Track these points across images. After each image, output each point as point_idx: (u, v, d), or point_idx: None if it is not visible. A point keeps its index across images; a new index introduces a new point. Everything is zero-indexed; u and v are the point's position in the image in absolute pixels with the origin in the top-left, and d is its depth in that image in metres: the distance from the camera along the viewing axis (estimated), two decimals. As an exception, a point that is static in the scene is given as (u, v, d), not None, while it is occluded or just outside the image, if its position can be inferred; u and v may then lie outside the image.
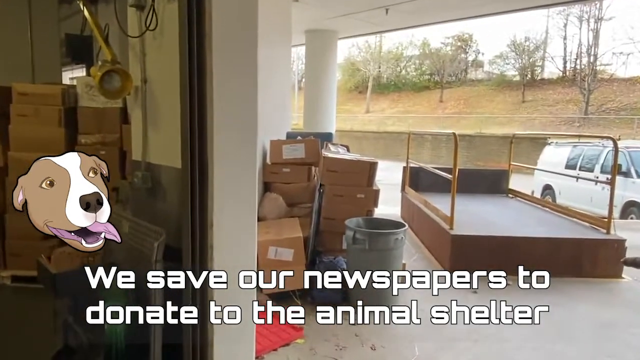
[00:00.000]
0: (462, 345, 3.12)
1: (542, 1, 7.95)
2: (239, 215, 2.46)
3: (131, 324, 2.39)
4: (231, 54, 2.32)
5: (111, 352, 2.32)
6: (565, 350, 3.09)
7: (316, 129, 9.31)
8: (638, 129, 20.49)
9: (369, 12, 8.10)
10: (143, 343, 2.40)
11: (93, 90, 3.89)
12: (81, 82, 3.93)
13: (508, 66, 30.46)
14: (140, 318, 2.40)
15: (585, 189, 9.35)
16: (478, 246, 4.60)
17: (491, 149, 20.84)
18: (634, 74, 25.35)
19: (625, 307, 3.86)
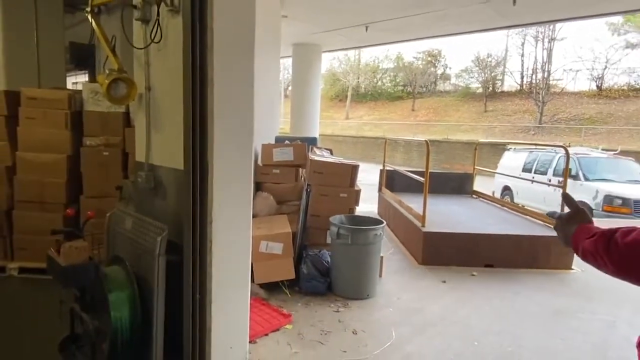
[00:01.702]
0: (433, 330, 3.14)
1: (502, 23, 8.06)
2: (236, 213, 2.45)
3: (135, 312, 2.37)
4: (230, 65, 2.32)
5: (116, 338, 2.28)
6: (524, 334, 3.13)
7: (302, 133, 9.30)
8: (585, 137, 20.85)
9: (351, 29, 8.13)
10: (146, 330, 2.37)
11: (98, 96, 3.81)
12: (87, 88, 3.83)
13: (472, 79, 30.73)
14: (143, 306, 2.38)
15: (539, 190, 9.41)
16: (447, 242, 4.65)
17: (457, 153, 21.10)
18: (582, 89, 25.91)
19: (574, 295, 3.94)
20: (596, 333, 3.20)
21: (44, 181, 3.75)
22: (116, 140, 3.81)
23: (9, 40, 5.41)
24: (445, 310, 3.51)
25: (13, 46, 5.43)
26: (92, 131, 3.82)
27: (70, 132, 3.78)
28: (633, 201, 8.24)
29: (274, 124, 6.72)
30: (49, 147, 3.76)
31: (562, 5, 6.28)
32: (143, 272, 2.44)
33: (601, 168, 9.43)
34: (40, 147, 3.75)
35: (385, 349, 2.83)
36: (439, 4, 6.33)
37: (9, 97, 3.78)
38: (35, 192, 3.75)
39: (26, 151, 3.76)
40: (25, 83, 4.62)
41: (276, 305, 3.35)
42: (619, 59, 24.61)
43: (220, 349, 2.42)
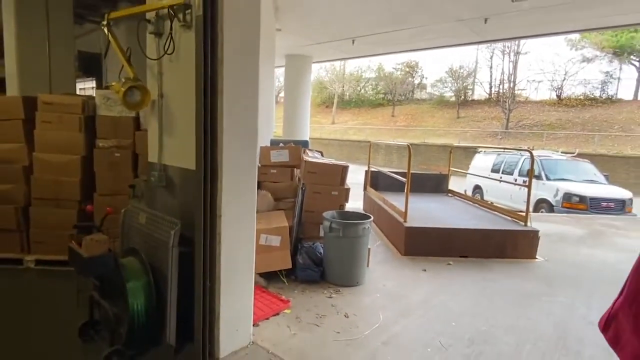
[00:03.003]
0: (416, 313, 3.20)
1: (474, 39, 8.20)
2: (242, 209, 2.49)
3: (150, 298, 2.39)
4: (238, 76, 2.35)
5: (133, 323, 2.31)
6: (495, 315, 3.21)
7: (294, 136, 9.32)
8: (546, 141, 21.18)
9: (339, 42, 8.19)
10: (160, 314, 2.40)
11: (110, 102, 3.80)
12: (99, 95, 3.81)
13: (446, 89, 30.82)
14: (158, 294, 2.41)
15: (506, 189, 9.55)
16: (427, 235, 4.71)
17: (432, 155, 21.34)
18: (544, 98, 26.29)
19: (539, 281, 4.03)
20: (557, 313, 3.30)
21: (60, 180, 3.72)
22: (127, 143, 3.79)
23: (22, 50, 5.34)
24: (426, 296, 3.58)
25: (26, 55, 5.36)
26: (104, 134, 3.80)
27: (84, 134, 3.75)
28: (589, 198, 8.47)
29: (269, 128, 6.75)
30: (64, 149, 3.73)
31: (527, 24, 6.46)
32: (157, 263, 2.46)
33: (561, 169, 9.62)
34: (56, 149, 3.72)
35: (374, 330, 2.89)
36: (419, 21, 6.43)
37: (26, 102, 3.74)
38: (51, 190, 3.72)
39: (42, 152, 3.72)
40: (37, 90, 4.58)
41: (275, 292, 3.39)
42: (576, 71, 25.15)
43: (228, 331, 2.46)
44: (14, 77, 5.39)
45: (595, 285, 3.97)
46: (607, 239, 6.11)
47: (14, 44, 5.31)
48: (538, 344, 2.80)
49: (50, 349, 2.47)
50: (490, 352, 2.68)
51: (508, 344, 2.79)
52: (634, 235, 6.37)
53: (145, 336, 2.38)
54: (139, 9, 2.59)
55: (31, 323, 2.79)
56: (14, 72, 5.37)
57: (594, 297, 3.66)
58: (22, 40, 5.29)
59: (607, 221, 7.42)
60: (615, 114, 21.77)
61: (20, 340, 2.56)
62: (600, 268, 4.60)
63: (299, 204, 3.98)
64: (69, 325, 2.64)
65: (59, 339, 2.58)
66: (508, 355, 2.65)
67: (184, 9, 2.35)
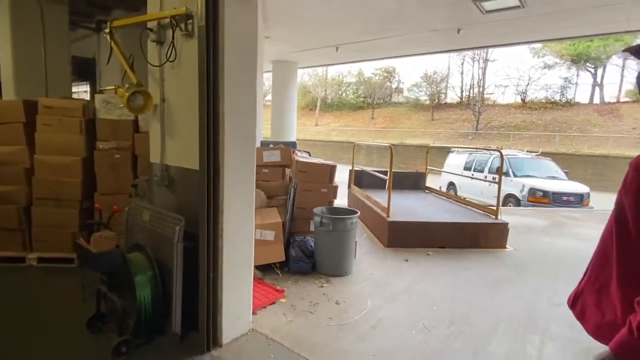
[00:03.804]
0: (400, 299, 3.29)
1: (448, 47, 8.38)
2: (242, 205, 2.52)
3: (156, 291, 2.41)
4: (238, 81, 2.38)
5: (141, 314, 2.32)
6: (471, 299, 3.34)
7: (282, 138, 9.32)
8: (512, 141, 21.61)
9: (323, 49, 8.24)
10: (166, 305, 2.42)
11: (109, 106, 3.75)
12: (99, 99, 3.76)
13: (421, 93, 31.15)
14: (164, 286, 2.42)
15: (477, 185, 9.77)
16: (407, 228, 4.81)
17: (410, 155, 21.60)
18: (510, 101, 26.89)
19: (509, 268, 4.18)
20: (526, 296, 3.45)
21: (61, 180, 3.65)
22: (127, 145, 3.76)
23: (18, 55, 5.19)
24: (408, 283, 3.68)
25: (22, 60, 5.21)
26: (104, 136, 3.75)
27: (85, 137, 3.69)
28: (551, 193, 8.77)
29: (259, 130, 6.75)
30: (65, 151, 3.67)
31: (495, 34, 6.66)
32: (162, 257, 2.48)
33: (526, 166, 9.88)
34: (57, 151, 3.65)
35: (363, 315, 2.97)
36: (399, 30, 6.55)
37: (27, 106, 3.66)
38: (52, 190, 3.65)
39: (43, 154, 3.65)
40: (33, 94, 4.47)
41: (270, 283, 3.43)
42: (538, 77, 25.86)
43: (230, 319, 2.49)
44: (10, 81, 5.23)
45: (558, 270, 4.16)
46: (568, 229, 6.38)
47: (9, 48, 5.16)
48: (510, 324, 2.94)
49: (58, 342, 2.45)
50: (469, 332, 2.80)
51: (484, 324, 2.92)
52: (591, 225, 6.66)
53: (152, 326, 2.40)
54: (141, 18, 2.59)
55: (37, 318, 2.75)
56: (10, 76, 5.22)
57: (558, 281, 3.84)
58: (18, 45, 5.14)
59: (567, 213, 7.72)
60: (574, 116, 22.50)
61: (27, 335, 2.53)
62: (563, 255, 4.81)
63: (291, 201, 4.03)
64: (75, 318, 2.62)
65: (66, 332, 2.56)
66: (484, 334, 2.77)
67: (185, 19, 2.37)
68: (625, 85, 23.73)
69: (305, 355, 2.40)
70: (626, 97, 22.94)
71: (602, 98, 24.09)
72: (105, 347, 2.30)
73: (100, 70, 7.72)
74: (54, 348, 2.38)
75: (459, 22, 6.00)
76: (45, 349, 2.37)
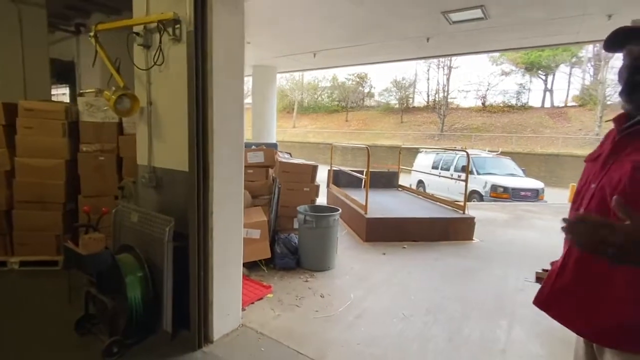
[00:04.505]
0: (380, 290, 3.33)
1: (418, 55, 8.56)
2: (231, 206, 2.48)
3: (147, 290, 2.33)
4: (225, 85, 2.33)
5: (132, 314, 2.24)
6: (445, 288, 3.43)
7: (262, 139, 9.20)
8: (474, 142, 22.13)
9: (301, 55, 8.21)
10: (157, 305, 2.34)
11: (93, 109, 3.58)
12: (82, 102, 3.58)
13: (391, 97, 31.42)
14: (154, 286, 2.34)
15: (444, 182, 9.95)
16: (384, 224, 4.88)
17: (381, 155, 21.73)
18: (471, 105, 27.70)
19: (477, 258, 4.31)
20: (494, 284, 3.57)
21: (44, 183, 3.45)
22: (111, 147, 3.60)
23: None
24: (387, 275, 3.73)
25: (0, 63, 4.89)
26: (88, 139, 3.58)
27: (68, 139, 3.51)
28: (511, 189, 9.11)
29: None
30: (47, 153, 3.47)
31: (460, 44, 6.86)
32: (151, 257, 2.39)
33: (488, 165, 10.19)
34: (39, 153, 3.45)
35: (347, 306, 2.98)
36: (372, 38, 6.62)
37: (6, 108, 3.44)
38: (34, 193, 3.45)
39: (24, 157, 3.44)
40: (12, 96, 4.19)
41: (257, 279, 3.39)
42: (496, 83, 26.94)
43: (220, 316, 2.44)
44: (-14, 84, 4.90)
45: (521, 258, 4.33)
46: (527, 221, 6.66)
47: (-14, 51, 4.83)
48: (481, 309, 3.03)
49: (47, 345, 2.32)
50: (444, 318, 2.87)
51: (457, 310, 3.00)
52: (546, 217, 6.99)
53: (143, 326, 2.31)
54: (129, 22, 2.49)
55: (23, 321, 2.59)
56: (-13, 78, 4.88)
57: (521, 269, 3.99)
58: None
59: (525, 207, 8.06)
60: (528, 118, 23.47)
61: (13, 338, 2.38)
62: (524, 245, 5.02)
63: (275, 200, 3.99)
64: (62, 321, 2.49)
65: (54, 334, 2.43)
66: (458, 320, 2.85)
67: (173, 23, 2.30)
68: (572, 90, 25.09)
69: (294, 347, 2.38)
70: (573, 102, 24.21)
71: (552, 102, 25.29)
72: (96, 348, 2.20)
73: (79, 73, 7.35)
74: (43, 350, 2.25)
75: (429, 32, 6.14)
76: (34, 351, 2.24)
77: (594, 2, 4.60)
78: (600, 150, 1.13)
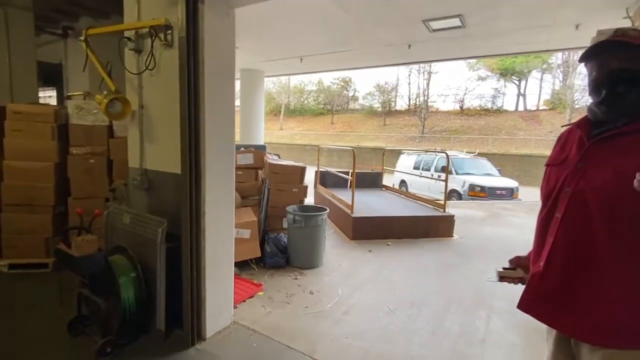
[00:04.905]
0: (366, 286, 3.36)
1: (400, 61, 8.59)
2: (223, 207, 2.47)
3: (140, 290, 2.29)
4: (217, 90, 2.33)
5: (125, 314, 2.20)
6: (427, 282, 3.49)
7: (251, 141, 9.15)
8: (453, 143, 22.53)
9: (288, 59, 8.20)
10: (150, 304, 2.31)
11: (82, 112, 3.50)
12: (72, 105, 3.49)
13: (374, 101, 31.67)
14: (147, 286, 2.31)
15: (425, 182, 10.09)
16: (370, 223, 4.91)
17: (365, 157, 21.85)
18: (450, 108, 28.24)
19: (457, 254, 4.40)
20: (473, 278, 3.65)
21: (33, 186, 3.35)
22: (101, 149, 3.52)
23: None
24: (373, 272, 3.76)
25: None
26: (77, 142, 3.49)
27: (57, 142, 3.42)
28: (487, 188, 9.31)
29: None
30: (36, 156, 3.37)
31: (440, 50, 7.00)
32: (144, 258, 2.36)
33: (466, 165, 10.38)
34: (28, 156, 3.35)
35: (335, 302, 3.01)
36: (357, 44, 6.68)
37: (-7, 111, 3.33)
38: (23, 196, 3.34)
39: (13, 160, 3.34)
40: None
41: (248, 277, 3.38)
42: (473, 87, 27.48)
43: (213, 314, 2.43)
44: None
45: (498, 253, 4.44)
46: (503, 218, 6.83)
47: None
48: (461, 302, 3.11)
49: (39, 347, 2.25)
50: (427, 311, 2.93)
51: (439, 304, 3.06)
52: (521, 215, 7.19)
53: (137, 325, 2.28)
54: (120, 28, 2.45)
55: (15, 324, 2.51)
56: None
57: (499, 263, 4.07)
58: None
59: (501, 205, 8.25)
60: (503, 121, 24.05)
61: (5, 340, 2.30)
62: (501, 241, 5.15)
63: (265, 201, 3.98)
64: (54, 322, 2.44)
65: (47, 336, 2.36)
66: (440, 313, 2.91)
67: (165, 29, 2.27)
68: (543, 95, 25.87)
69: (285, 342, 2.39)
70: (544, 106, 24.97)
71: (525, 106, 26.01)
72: (89, 348, 2.16)
73: (67, 76, 7.14)
74: (36, 351, 2.19)
75: (410, 39, 6.23)
76: (27, 352, 2.17)
77: (562, 14, 4.78)
78: (564, 154, 1.12)
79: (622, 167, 0.94)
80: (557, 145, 1.19)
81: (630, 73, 0.98)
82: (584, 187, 1.01)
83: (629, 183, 0.88)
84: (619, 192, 0.93)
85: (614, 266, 0.96)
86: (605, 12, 4.60)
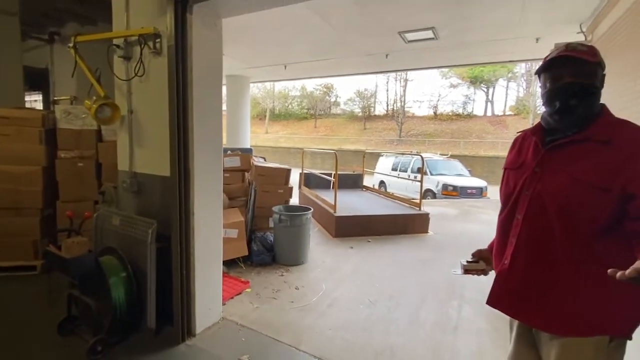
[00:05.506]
0: (349, 281, 3.40)
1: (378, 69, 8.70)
2: (211, 207, 2.46)
3: (130, 290, 2.25)
4: (205, 96, 2.32)
5: (116, 313, 2.16)
6: (406, 276, 3.56)
7: (237, 145, 9.06)
8: (427, 146, 22.89)
9: (273, 66, 8.17)
10: (140, 303, 2.27)
11: (70, 116, 3.40)
12: (59, 110, 3.38)
13: (355, 106, 31.83)
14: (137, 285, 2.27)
15: (402, 182, 10.22)
16: (351, 221, 4.97)
17: (347, 159, 21.98)
18: (425, 113, 28.78)
19: (431, 249, 4.50)
20: (446, 271, 3.75)
21: (20, 189, 3.23)
22: (90, 153, 3.42)
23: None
24: (354, 267, 3.81)
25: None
26: (66, 145, 3.38)
27: (45, 146, 3.30)
28: (459, 187, 9.56)
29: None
30: (24, 160, 3.24)
31: (415, 59, 7.16)
32: (134, 258, 2.32)
33: (440, 166, 10.61)
34: (15, 160, 3.22)
35: (320, 297, 3.03)
36: (338, 54, 6.74)
37: (-22, 116, 3.18)
38: (10, 199, 3.21)
39: (1, 164, 3.20)
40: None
41: (236, 275, 3.36)
42: (446, 94, 28.24)
43: (202, 310, 2.41)
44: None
45: (470, 249, 4.54)
46: (474, 215, 7.04)
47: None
48: (435, 294, 3.20)
49: (30, 348, 2.18)
50: (405, 303, 3.00)
51: (416, 296, 3.14)
52: (489, 212, 7.41)
53: (127, 324, 2.24)
54: (109, 35, 2.40)
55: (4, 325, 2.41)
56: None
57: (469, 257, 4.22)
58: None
59: (472, 203, 8.49)
60: (473, 125, 24.70)
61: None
62: (471, 236, 5.30)
63: (251, 201, 3.97)
64: (44, 323, 2.36)
65: (37, 337, 2.28)
66: (416, 304, 2.98)
67: (154, 37, 2.25)
68: (509, 101, 26.77)
69: (273, 335, 2.40)
70: (510, 111, 25.85)
71: (492, 111, 26.86)
72: (79, 348, 2.10)
73: (54, 80, 6.88)
74: (26, 351, 2.11)
75: (388, 49, 6.35)
76: (18, 352, 2.09)
77: (524, 28, 5.00)
78: (521, 158, 1.15)
79: (575, 173, 0.98)
80: (513, 149, 1.23)
81: (580, 86, 1.03)
82: (541, 190, 1.04)
83: (581, 188, 0.94)
84: (573, 196, 0.97)
85: (569, 267, 1.01)
86: (562, 27, 4.84)
